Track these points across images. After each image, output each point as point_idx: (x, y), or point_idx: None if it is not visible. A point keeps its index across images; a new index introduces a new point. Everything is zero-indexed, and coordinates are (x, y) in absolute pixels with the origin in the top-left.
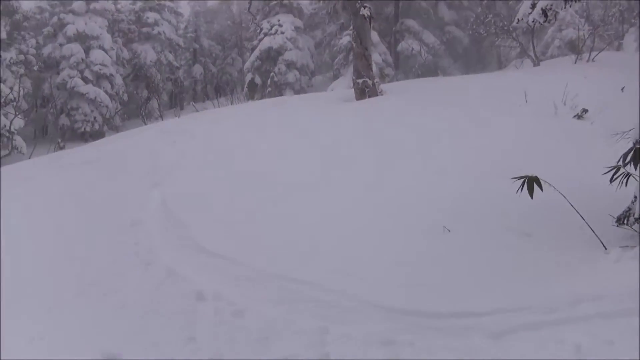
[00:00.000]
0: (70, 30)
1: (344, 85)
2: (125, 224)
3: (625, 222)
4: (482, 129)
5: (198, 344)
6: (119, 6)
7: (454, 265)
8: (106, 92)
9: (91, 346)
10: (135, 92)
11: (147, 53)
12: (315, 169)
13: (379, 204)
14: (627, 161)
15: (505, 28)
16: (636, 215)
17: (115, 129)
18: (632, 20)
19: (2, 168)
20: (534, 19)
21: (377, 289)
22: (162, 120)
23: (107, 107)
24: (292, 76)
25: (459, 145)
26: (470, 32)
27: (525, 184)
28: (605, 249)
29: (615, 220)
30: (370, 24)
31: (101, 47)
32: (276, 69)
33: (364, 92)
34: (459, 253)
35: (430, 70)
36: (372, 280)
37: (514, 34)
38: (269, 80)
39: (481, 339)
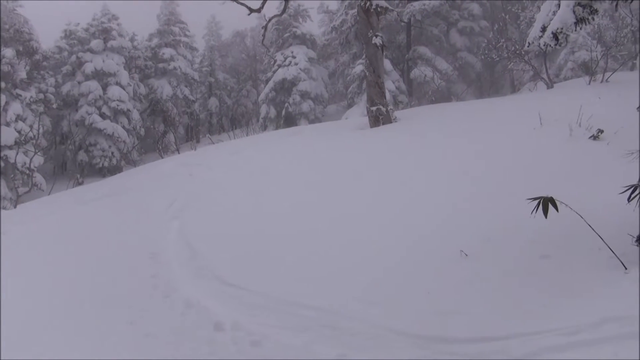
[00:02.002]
0: (89, 68)
1: (358, 113)
2: (144, 257)
3: None
4: (495, 154)
5: None
6: (135, 43)
7: (474, 290)
8: (123, 127)
9: None
10: (152, 126)
11: (164, 88)
12: (332, 197)
13: (393, 230)
14: None
15: (518, 52)
16: None
17: (133, 164)
18: None
19: (24, 205)
20: (544, 42)
21: (398, 316)
22: (179, 153)
23: (124, 142)
24: (306, 106)
25: (471, 170)
26: (483, 57)
27: (541, 204)
28: (626, 268)
29: (635, 239)
30: (382, 52)
31: (118, 84)
32: (290, 100)
33: (377, 119)
34: (479, 278)
35: (444, 96)
36: (392, 307)
37: (526, 58)
38: (283, 111)
39: None
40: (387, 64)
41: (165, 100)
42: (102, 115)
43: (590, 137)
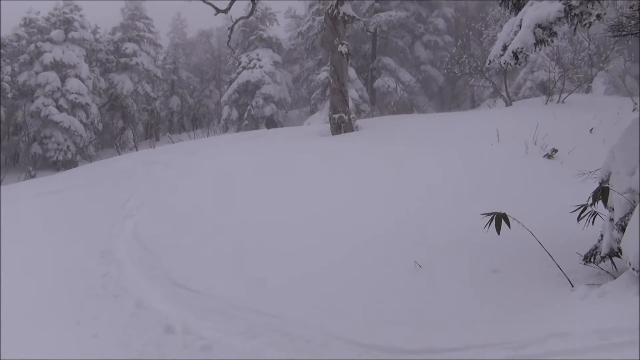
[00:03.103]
0: (47, 58)
1: (321, 120)
2: (95, 255)
3: (592, 260)
4: (452, 167)
5: None
6: (97, 36)
7: (425, 302)
8: (81, 121)
9: None
10: (110, 121)
11: (124, 83)
12: (286, 203)
13: (348, 240)
14: (594, 200)
15: (479, 68)
16: (602, 254)
17: (89, 159)
18: (601, 64)
19: None
20: (505, 60)
21: (349, 325)
22: (137, 150)
23: (81, 136)
24: (269, 110)
25: (429, 183)
26: (445, 71)
27: (494, 220)
28: (572, 286)
29: (582, 258)
30: (347, 60)
31: (78, 76)
32: (253, 103)
33: (339, 127)
34: (430, 289)
35: (406, 107)
36: (345, 316)
37: (487, 74)
38: (245, 114)
39: None
40: (351, 73)
41: (126, 96)
42: (59, 108)
43: (545, 155)
